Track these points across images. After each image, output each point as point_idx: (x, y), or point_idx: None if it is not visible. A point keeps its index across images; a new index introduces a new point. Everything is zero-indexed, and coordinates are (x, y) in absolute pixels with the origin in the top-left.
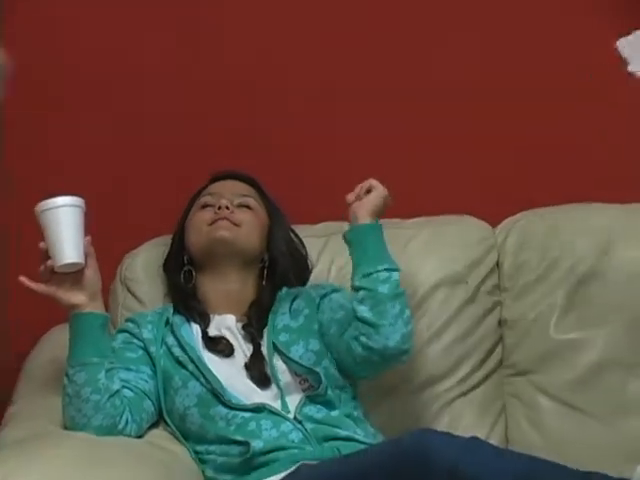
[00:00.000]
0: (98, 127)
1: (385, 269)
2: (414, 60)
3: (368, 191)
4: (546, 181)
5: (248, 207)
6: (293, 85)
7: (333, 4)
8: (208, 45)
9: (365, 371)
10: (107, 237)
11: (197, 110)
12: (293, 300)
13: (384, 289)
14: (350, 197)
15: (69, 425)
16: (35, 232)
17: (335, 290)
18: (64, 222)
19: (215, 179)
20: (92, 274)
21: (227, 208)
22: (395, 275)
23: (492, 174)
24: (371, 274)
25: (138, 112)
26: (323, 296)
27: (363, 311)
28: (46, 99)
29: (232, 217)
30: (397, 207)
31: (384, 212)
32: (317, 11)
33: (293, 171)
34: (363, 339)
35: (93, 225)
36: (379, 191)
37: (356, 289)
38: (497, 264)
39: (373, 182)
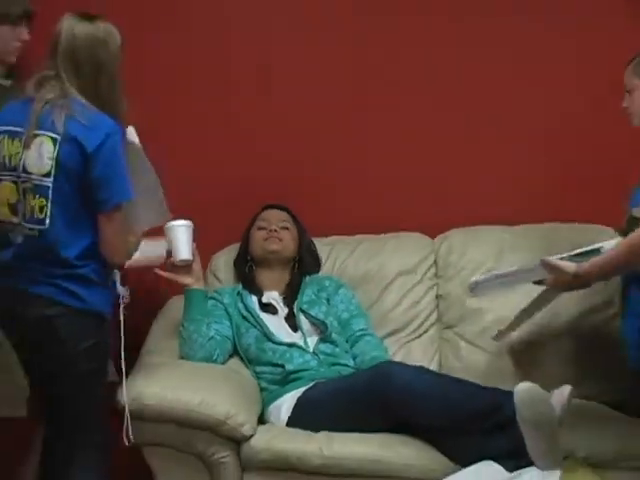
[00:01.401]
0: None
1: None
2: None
3: None
4: (463, 210)
5: (287, 229)
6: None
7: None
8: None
9: None
10: (203, 245)
11: (247, 153)
12: (312, 285)
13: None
14: None
15: (183, 357)
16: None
17: (340, 288)
18: (181, 235)
19: (265, 208)
20: (197, 266)
21: (275, 230)
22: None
23: (432, 207)
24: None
25: (213, 159)
26: (334, 292)
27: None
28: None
29: (278, 236)
30: (376, 224)
31: None
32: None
33: (314, 202)
34: None
35: (197, 237)
36: None
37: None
38: (435, 261)
39: None
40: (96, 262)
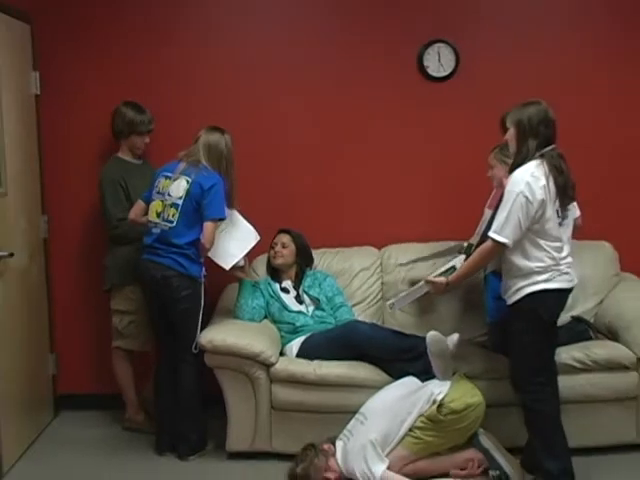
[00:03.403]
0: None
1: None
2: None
3: None
4: (397, 233)
5: (286, 247)
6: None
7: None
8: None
9: None
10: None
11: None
12: (310, 276)
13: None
14: None
15: (236, 318)
16: None
17: (327, 277)
18: None
19: (279, 232)
20: (247, 267)
21: (278, 251)
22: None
23: (379, 231)
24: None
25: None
26: (323, 280)
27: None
28: None
29: (279, 254)
30: (348, 241)
31: None
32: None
33: (313, 228)
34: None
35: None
36: None
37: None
38: (381, 263)
39: None
40: (196, 249)
